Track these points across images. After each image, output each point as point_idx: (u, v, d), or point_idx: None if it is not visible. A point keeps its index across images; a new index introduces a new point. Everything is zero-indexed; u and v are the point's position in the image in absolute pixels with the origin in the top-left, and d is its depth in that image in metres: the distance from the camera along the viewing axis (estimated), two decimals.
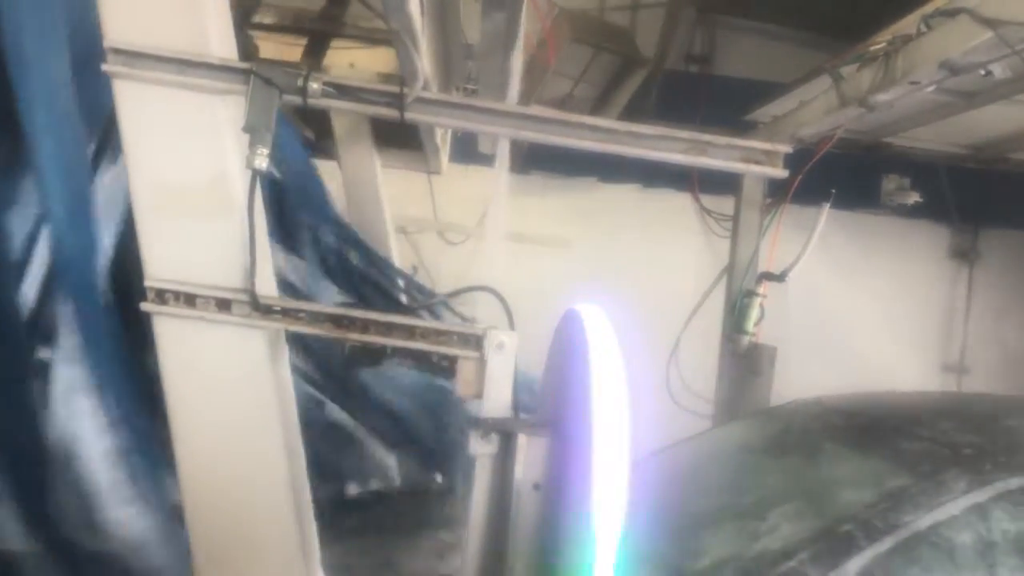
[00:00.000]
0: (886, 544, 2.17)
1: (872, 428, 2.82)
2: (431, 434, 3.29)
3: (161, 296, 1.74)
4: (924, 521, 2.19)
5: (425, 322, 1.76)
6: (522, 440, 1.52)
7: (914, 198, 4.52)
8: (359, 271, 3.51)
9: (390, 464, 3.37)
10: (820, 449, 2.82)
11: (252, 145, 1.72)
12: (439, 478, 3.99)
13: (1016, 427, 2.57)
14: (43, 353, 2.00)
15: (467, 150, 4.81)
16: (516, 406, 1.67)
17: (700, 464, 2.92)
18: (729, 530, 2.43)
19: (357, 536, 2.88)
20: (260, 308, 1.74)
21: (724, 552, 2.32)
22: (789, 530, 2.31)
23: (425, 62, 2.36)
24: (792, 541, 2.25)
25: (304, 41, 3.59)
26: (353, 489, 3.28)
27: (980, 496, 2.23)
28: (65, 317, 1.97)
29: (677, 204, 5.81)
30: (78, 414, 1.96)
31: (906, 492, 2.27)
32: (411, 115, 1.85)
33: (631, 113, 5.09)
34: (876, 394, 3.32)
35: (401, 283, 3.81)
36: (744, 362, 4.10)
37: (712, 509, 2.53)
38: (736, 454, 3.02)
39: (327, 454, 2.94)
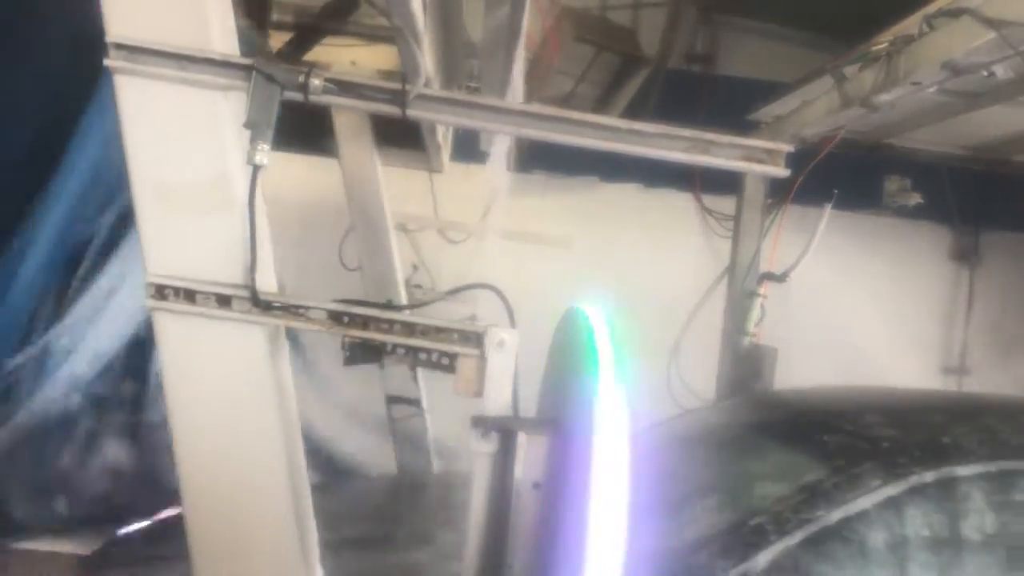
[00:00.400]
0: (796, 538, 2.16)
1: (802, 422, 2.83)
2: None
3: (161, 292, 1.73)
4: (836, 515, 2.19)
5: (425, 319, 1.75)
6: (522, 439, 1.52)
7: (916, 199, 4.51)
8: None
9: None
10: (751, 443, 2.82)
11: (253, 141, 1.72)
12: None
13: (939, 421, 2.55)
14: None
15: (468, 148, 4.81)
16: (516, 404, 1.67)
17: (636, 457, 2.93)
18: (652, 523, 2.44)
19: None
20: (260, 304, 1.74)
21: (644, 545, 2.33)
22: (706, 522, 2.31)
23: (427, 59, 2.35)
24: (707, 533, 2.24)
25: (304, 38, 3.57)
26: None
27: (894, 490, 2.22)
28: None
29: (679, 204, 5.80)
30: None
31: (820, 486, 2.27)
32: (413, 112, 1.84)
33: (633, 112, 5.08)
34: (817, 388, 3.33)
35: None
36: (745, 363, 4.10)
37: (640, 502, 2.54)
38: (672, 448, 3.02)
39: None
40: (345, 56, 3.69)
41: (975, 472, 2.27)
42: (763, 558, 2.12)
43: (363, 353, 2.08)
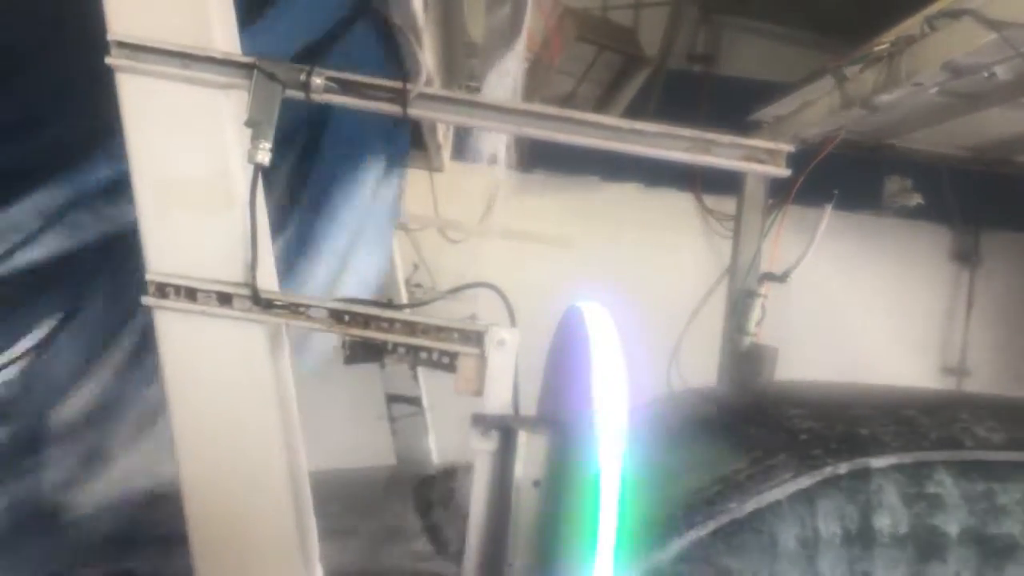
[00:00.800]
0: (707, 529, 2.16)
1: (730, 415, 2.83)
2: None
3: (162, 290, 1.74)
4: (748, 506, 2.18)
5: (426, 318, 1.76)
6: (522, 437, 1.53)
7: (916, 200, 4.52)
8: None
9: None
10: (681, 436, 2.82)
11: (254, 139, 1.72)
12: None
13: (863, 415, 2.54)
14: None
15: (469, 148, 4.81)
16: (516, 403, 1.67)
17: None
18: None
19: None
20: (261, 302, 1.74)
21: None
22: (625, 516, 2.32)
23: (428, 58, 2.35)
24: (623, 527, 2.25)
25: None
26: None
27: (806, 481, 2.22)
28: None
29: (679, 204, 5.80)
30: None
31: (734, 478, 2.27)
32: (414, 111, 1.84)
33: (634, 112, 5.08)
34: (760, 384, 3.31)
35: None
36: (745, 362, 4.11)
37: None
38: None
39: None
40: None
41: (889, 464, 2.27)
42: (672, 548, 2.12)
43: (364, 352, 2.08)
